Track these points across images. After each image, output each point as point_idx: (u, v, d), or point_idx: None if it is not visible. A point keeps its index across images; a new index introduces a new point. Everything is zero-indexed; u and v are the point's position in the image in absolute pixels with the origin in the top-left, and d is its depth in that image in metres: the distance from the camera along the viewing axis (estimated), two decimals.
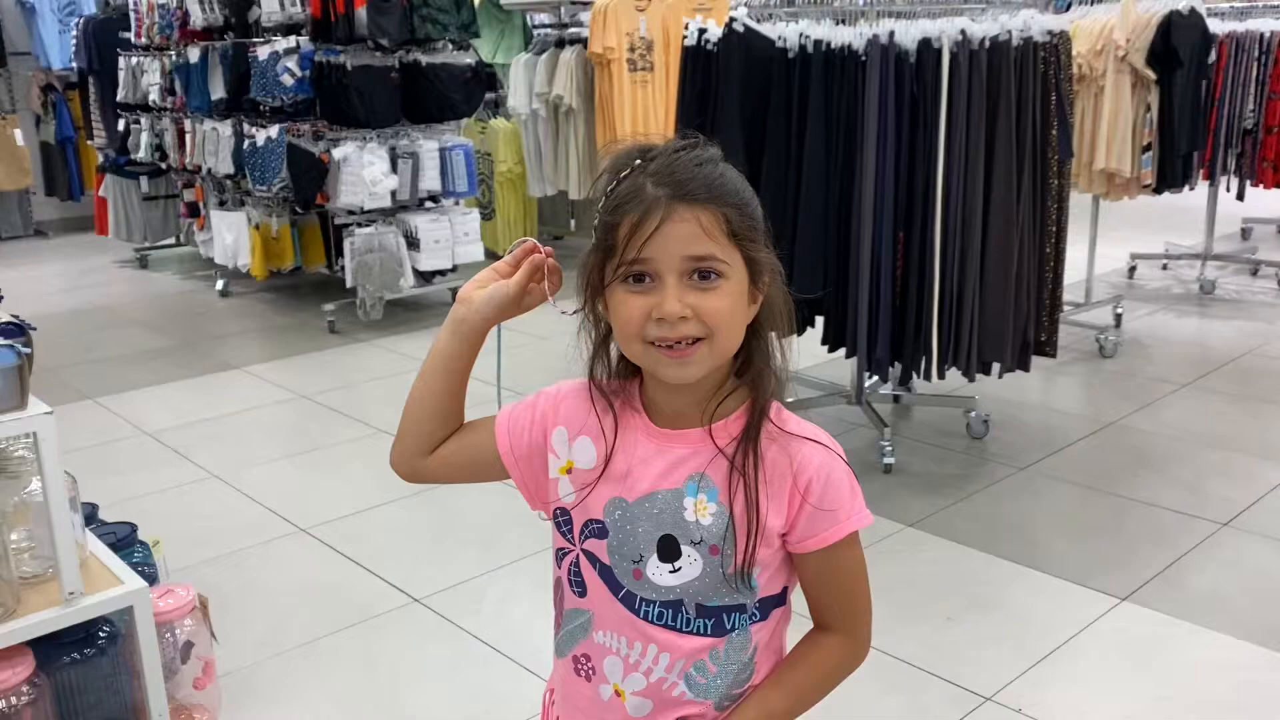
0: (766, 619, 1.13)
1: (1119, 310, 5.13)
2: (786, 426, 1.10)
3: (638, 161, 1.05)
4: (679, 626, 1.10)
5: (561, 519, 1.16)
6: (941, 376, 3.42)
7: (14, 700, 1.89)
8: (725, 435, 1.09)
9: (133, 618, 2.02)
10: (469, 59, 5.69)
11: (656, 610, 1.10)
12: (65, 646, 2.00)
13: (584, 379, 1.15)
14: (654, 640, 1.10)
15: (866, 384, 3.84)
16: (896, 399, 4.07)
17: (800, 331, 3.10)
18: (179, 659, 2.17)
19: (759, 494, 1.07)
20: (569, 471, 1.14)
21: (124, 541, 2.30)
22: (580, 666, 1.16)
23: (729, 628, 1.11)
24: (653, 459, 1.10)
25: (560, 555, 1.17)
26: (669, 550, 1.09)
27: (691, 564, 1.08)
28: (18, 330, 1.95)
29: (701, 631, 1.10)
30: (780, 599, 1.14)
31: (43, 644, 1.95)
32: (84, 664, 2.02)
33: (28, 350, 1.88)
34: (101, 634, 2.05)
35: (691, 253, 1.02)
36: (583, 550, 1.13)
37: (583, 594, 1.14)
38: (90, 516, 2.38)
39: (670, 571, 1.09)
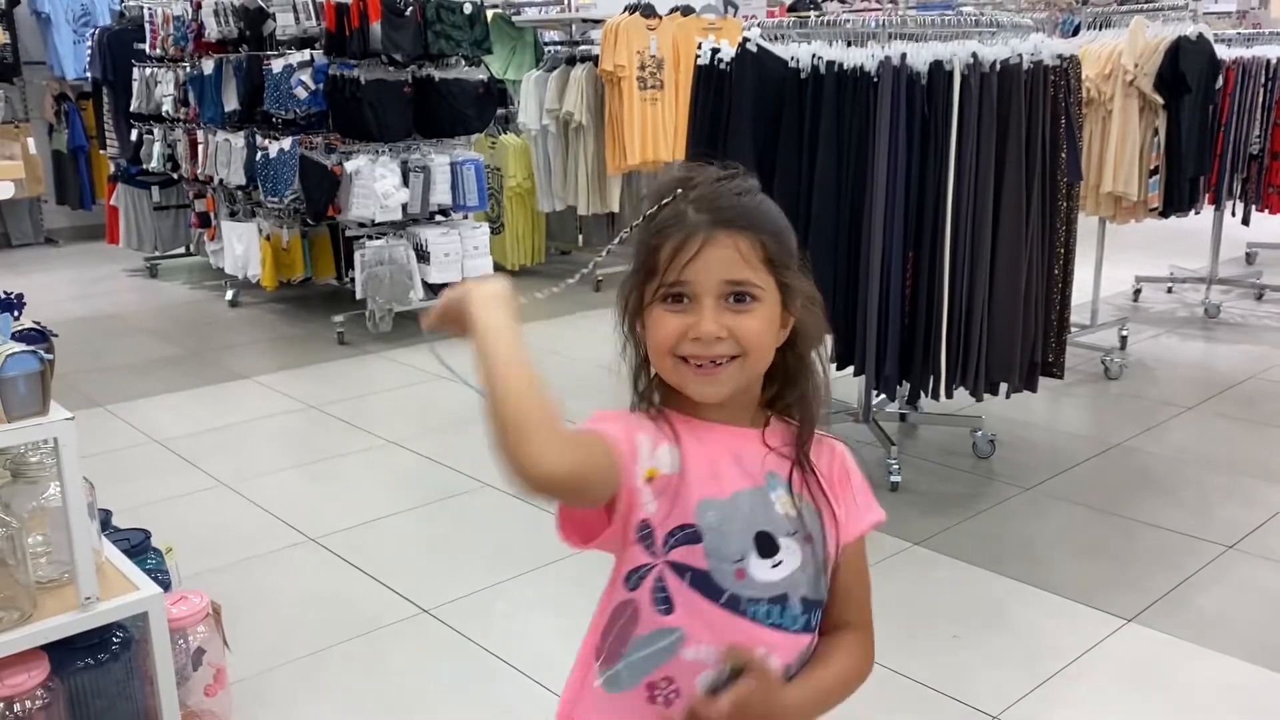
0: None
1: (1124, 332, 5.15)
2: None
3: (679, 190, 1.10)
4: (786, 624, 1.11)
5: (643, 533, 1.10)
6: (949, 396, 3.43)
7: (28, 704, 1.90)
8: (775, 438, 1.14)
9: (147, 624, 2.03)
10: (481, 75, 5.74)
11: (765, 609, 1.09)
12: (79, 651, 2.01)
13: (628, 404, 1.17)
14: (762, 643, 1.09)
15: (874, 402, 3.86)
16: (903, 417, 4.09)
17: None
18: (191, 666, 2.19)
19: (826, 489, 1.14)
20: (651, 480, 1.09)
21: (138, 548, 2.31)
22: (658, 692, 1.11)
23: (814, 626, 1.14)
24: (734, 453, 1.12)
25: (638, 576, 1.10)
26: (767, 546, 1.10)
27: (791, 555, 1.10)
28: (40, 336, 1.98)
29: (805, 628, 1.12)
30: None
31: (57, 649, 1.96)
32: (98, 669, 2.04)
33: (50, 356, 1.90)
34: (115, 639, 2.07)
35: (730, 277, 1.07)
36: (668, 563, 1.09)
37: (669, 611, 1.09)
38: (104, 523, 2.39)
39: (772, 567, 1.10)
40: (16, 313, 2.00)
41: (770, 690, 1.04)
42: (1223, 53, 5.10)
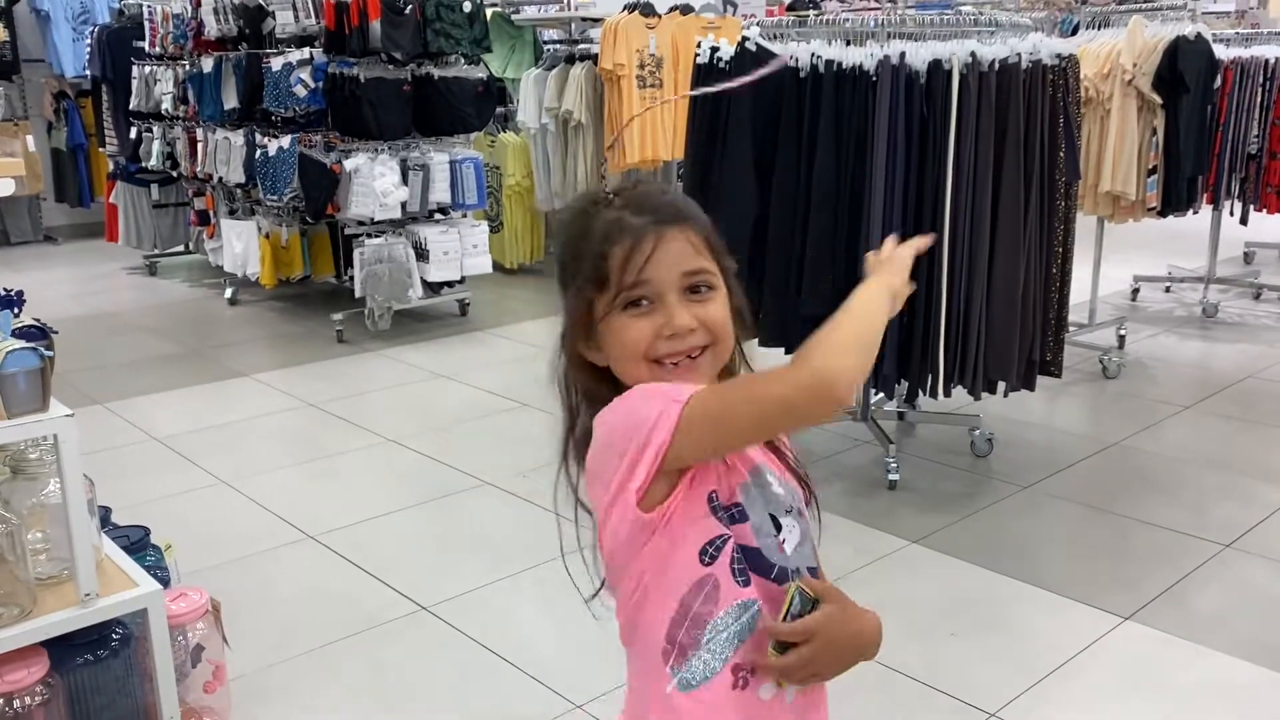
0: None
1: (1122, 332, 5.16)
2: None
3: (603, 197, 1.13)
4: None
5: (712, 505, 1.09)
6: (947, 394, 3.44)
7: (28, 700, 1.91)
8: None
9: (146, 620, 2.03)
10: (481, 73, 5.74)
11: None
12: (79, 648, 2.01)
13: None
14: None
15: (872, 401, 3.86)
16: (901, 416, 4.09)
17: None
18: (190, 662, 2.19)
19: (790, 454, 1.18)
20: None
21: (137, 545, 2.32)
22: (740, 674, 1.09)
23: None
24: None
25: (714, 548, 1.09)
26: (776, 524, 1.12)
27: (791, 532, 1.13)
28: (40, 333, 1.99)
29: None
30: None
31: (56, 645, 1.97)
32: (97, 665, 2.04)
33: (50, 353, 1.90)
34: (115, 636, 2.07)
35: (687, 268, 1.09)
36: (738, 545, 1.10)
37: (747, 583, 1.09)
38: (104, 520, 2.40)
39: (782, 544, 1.12)
40: (17, 310, 2.00)
41: (844, 605, 1.09)
42: (1221, 52, 5.11)
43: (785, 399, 1.01)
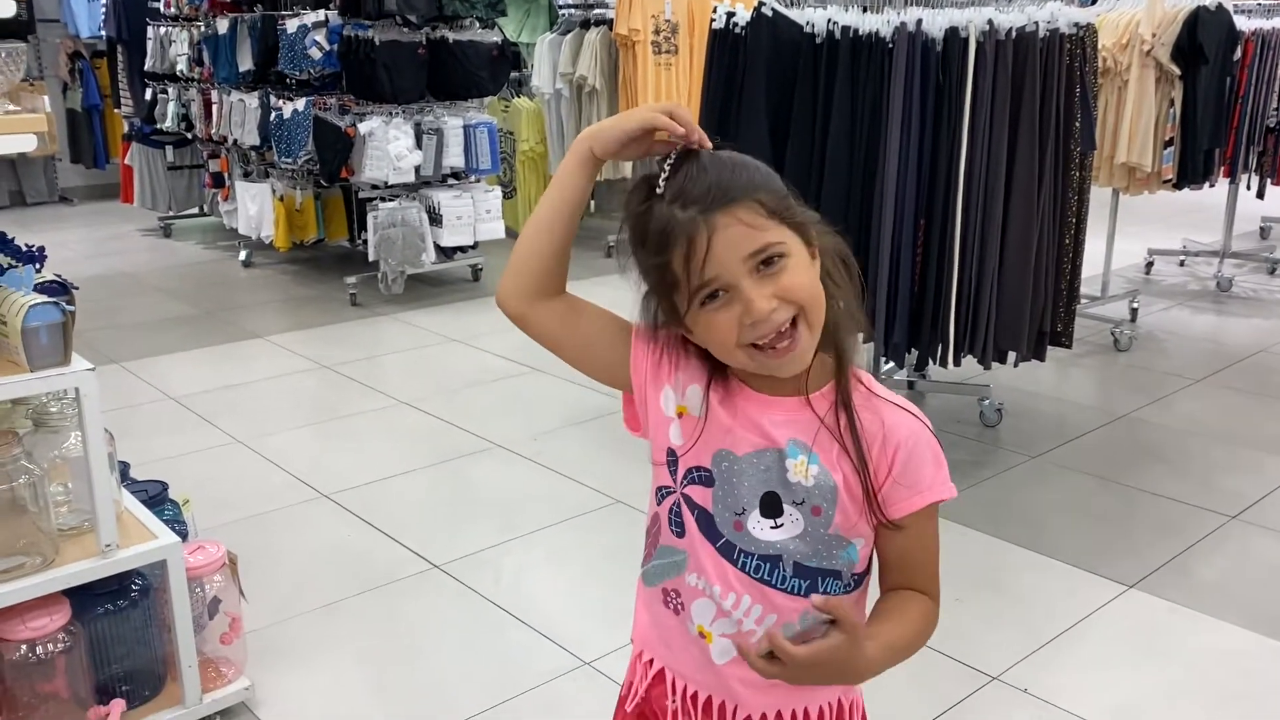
0: (855, 590, 1.16)
1: (1135, 304, 5.15)
2: (876, 391, 1.13)
3: (653, 187, 1.06)
4: (774, 583, 1.12)
5: (670, 459, 1.16)
6: (957, 364, 3.45)
7: (50, 647, 1.96)
8: (823, 404, 1.12)
9: (165, 571, 2.08)
10: (495, 37, 5.73)
11: (755, 563, 1.12)
12: (99, 598, 2.06)
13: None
14: (748, 592, 1.12)
15: (882, 369, 3.88)
16: (911, 385, 4.11)
17: None
18: (207, 614, 2.23)
19: (866, 453, 1.10)
20: (681, 415, 1.16)
21: (155, 499, 2.36)
22: (669, 599, 1.19)
23: (818, 591, 1.12)
24: (755, 420, 1.12)
25: (662, 494, 1.18)
26: (771, 507, 1.11)
27: (794, 522, 1.11)
28: (61, 289, 2.01)
29: (795, 591, 1.12)
30: (868, 573, 1.18)
31: (78, 594, 2.01)
32: (117, 615, 2.09)
33: (71, 308, 1.93)
34: (134, 587, 2.12)
35: (750, 250, 1.03)
36: (683, 494, 1.15)
37: (680, 535, 1.16)
38: (122, 475, 2.44)
39: (772, 527, 1.11)
40: (38, 265, 2.03)
41: (855, 644, 1.06)
42: (1242, 24, 5.07)
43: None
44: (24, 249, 2.03)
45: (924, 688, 2.34)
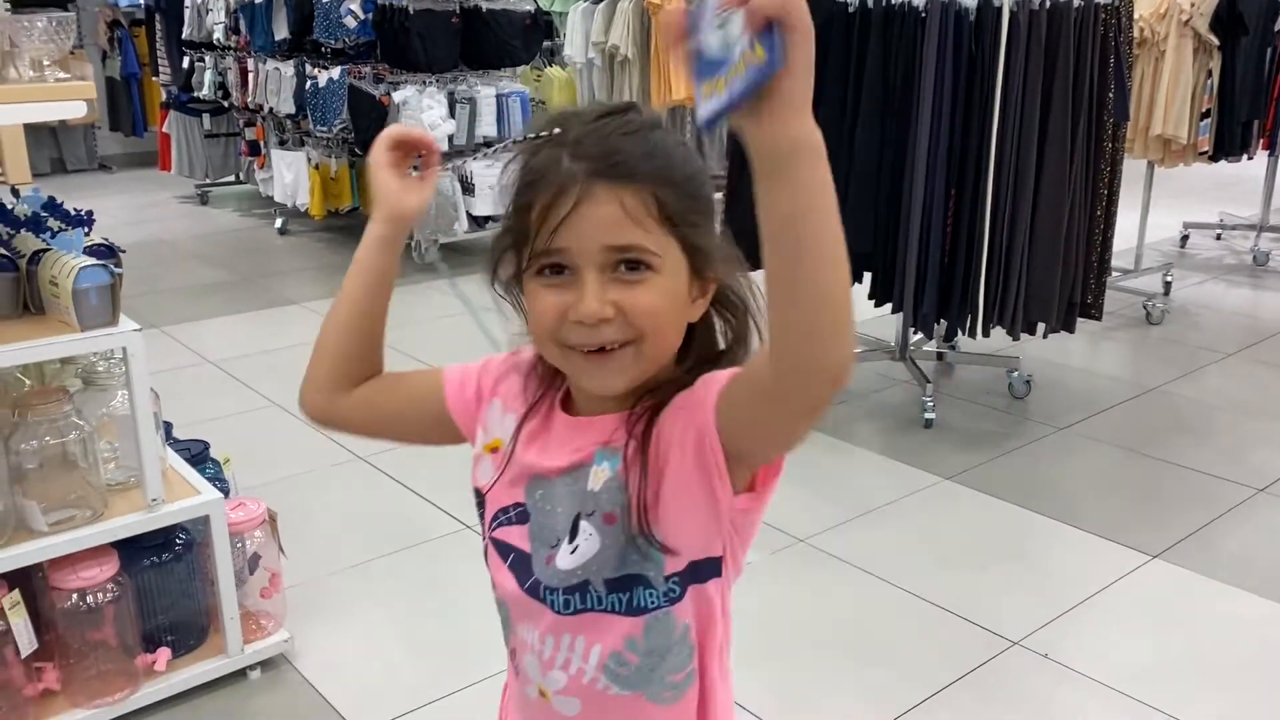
0: (684, 598, 0.94)
1: (1169, 278, 5.12)
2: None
3: (557, 130, 0.88)
4: (590, 607, 0.94)
5: (478, 502, 1.03)
6: (986, 335, 3.47)
7: (100, 596, 2.04)
8: (639, 416, 0.94)
9: (208, 526, 2.15)
10: (528, 6, 5.74)
11: (563, 599, 0.95)
12: (146, 550, 2.14)
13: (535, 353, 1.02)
14: (566, 630, 0.96)
15: (912, 340, 3.89)
16: (940, 356, 4.12)
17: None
18: (248, 569, 2.31)
19: (651, 447, 0.91)
20: (494, 450, 1.02)
21: (198, 457, 2.43)
22: (513, 660, 1.04)
23: (642, 606, 0.93)
24: (568, 437, 0.97)
25: (481, 543, 1.04)
26: (574, 530, 0.94)
27: (588, 539, 0.93)
28: (109, 252, 2.08)
29: (616, 609, 0.94)
30: (700, 574, 0.94)
31: (125, 547, 2.09)
32: (162, 567, 2.17)
33: (119, 270, 2.00)
34: (179, 541, 2.19)
35: (612, 241, 0.85)
36: (493, 539, 1.00)
37: (495, 587, 1.01)
38: (166, 434, 2.51)
39: (571, 553, 0.94)
40: (87, 229, 2.09)
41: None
42: None
43: None
44: (73, 213, 2.09)
45: (944, 652, 2.38)
